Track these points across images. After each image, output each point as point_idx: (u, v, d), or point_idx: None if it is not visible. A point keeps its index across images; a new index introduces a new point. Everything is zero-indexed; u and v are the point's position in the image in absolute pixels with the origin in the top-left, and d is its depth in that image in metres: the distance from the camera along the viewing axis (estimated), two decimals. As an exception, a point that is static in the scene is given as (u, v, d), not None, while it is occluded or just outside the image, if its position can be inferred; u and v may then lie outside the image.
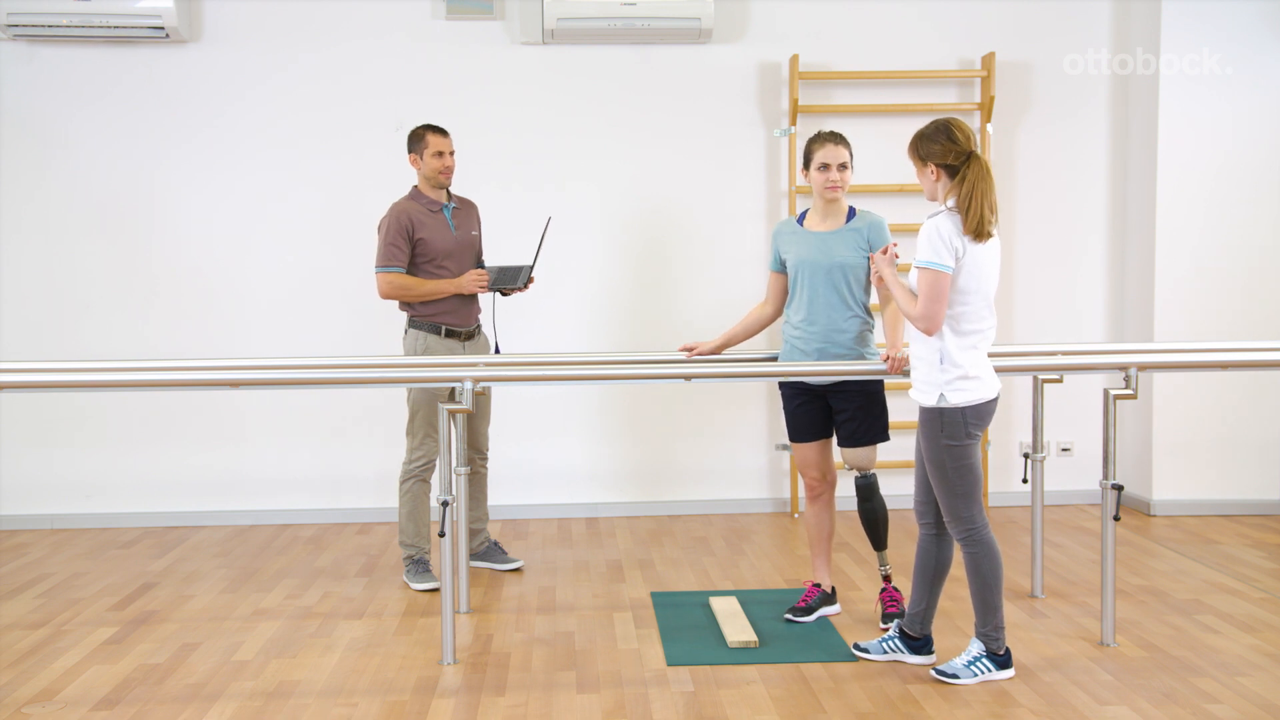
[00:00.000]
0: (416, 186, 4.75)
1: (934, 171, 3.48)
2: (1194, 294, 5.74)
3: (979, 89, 5.90)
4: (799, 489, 5.88)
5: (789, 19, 5.87)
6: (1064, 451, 6.06)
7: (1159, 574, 4.75)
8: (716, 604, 4.31)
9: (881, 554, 4.19)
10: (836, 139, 4.04)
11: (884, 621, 4.09)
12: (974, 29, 5.90)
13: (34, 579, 4.89)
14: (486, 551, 4.96)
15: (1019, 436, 5.98)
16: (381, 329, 5.28)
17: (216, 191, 5.80)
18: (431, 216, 4.67)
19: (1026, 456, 4.47)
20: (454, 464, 3.99)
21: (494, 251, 5.10)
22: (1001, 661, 3.57)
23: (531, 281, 4.79)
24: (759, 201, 5.92)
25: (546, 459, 5.96)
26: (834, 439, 4.15)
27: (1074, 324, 6.04)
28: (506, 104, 5.82)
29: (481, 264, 4.87)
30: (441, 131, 4.70)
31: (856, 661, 3.75)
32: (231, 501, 5.87)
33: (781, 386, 4.23)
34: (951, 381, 3.47)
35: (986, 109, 5.80)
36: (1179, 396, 5.77)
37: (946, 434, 3.48)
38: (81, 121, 5.74)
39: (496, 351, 4.85)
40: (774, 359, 4.21)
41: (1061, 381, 4.44)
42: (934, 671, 3.60)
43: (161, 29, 5.53)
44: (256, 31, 5.75)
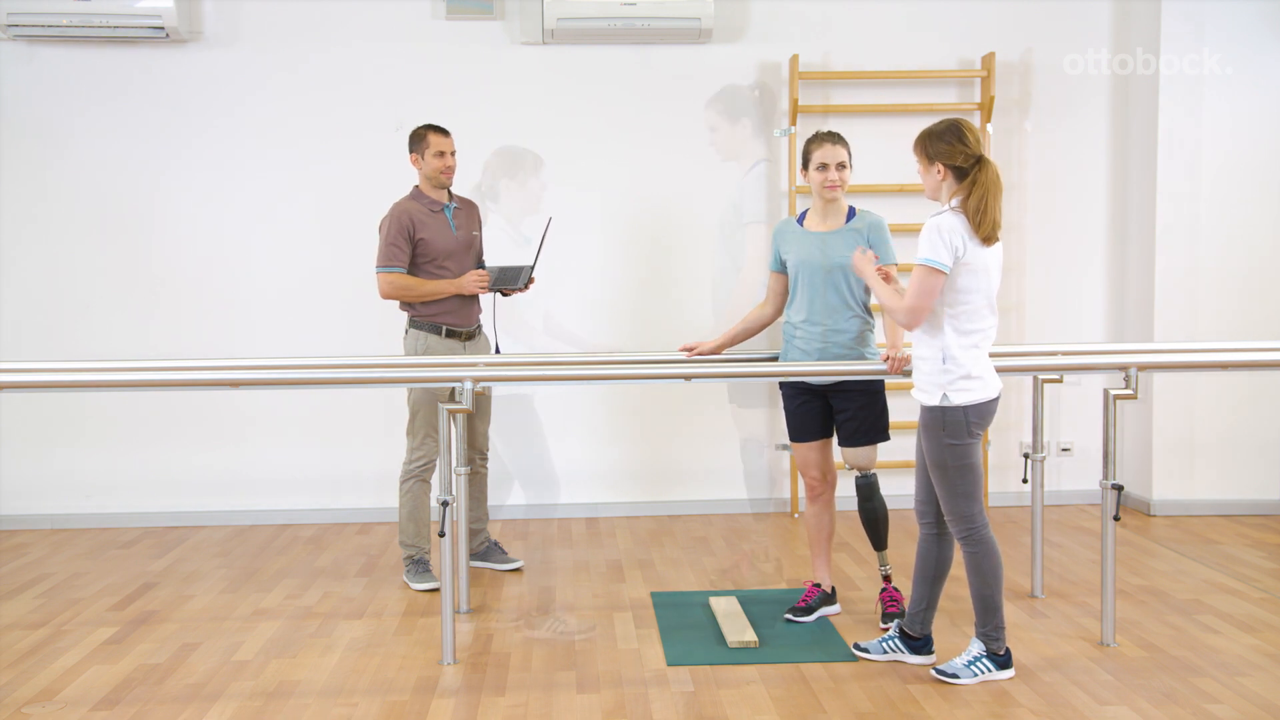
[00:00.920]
0: (417, 186, 4.75)
1: (940, 171, 3.47)
2: (1194, 294, 5.74)
3: (979, 89, 5.89)
4: (799, 489, 5.88)
5: (789, 19, 5.87)
6: (1064, 451, 6.06)
7: (1159, 574, 4.75)
8: (716, 604, 4.31)
9: (882, 554, 4.19)
10: (834, 139, 4.04)
11: (884, 621, 4.10)
12: (974, 29, 5.90)
13: (34, 579, 4.89)
14: (486, 551, 4.96)
15: (1019, 436, 5.98)
16: (382, 329, 5.28)
17: (216, 191, 5.80)
18: (432, 216, 4.67)
19: (1026, 456, 4.47)
20: (454, 464, 3.99)
21: (494, 252, 5.10)
22: (1002, 661, 3.57)
23: (532, 282, 4.79)
24: (759, 201, 5.93)
25: (546, 459, 5.96)
26: (834, 439, 4.15)
27: (1074, 324, 6.04)
28: (506, 104, 5.82)
29: (482, 264, 4.87)
30: (443, 131, 4.70)
31: (856, 661, 3.75)
32: (232, 501, 5.87)
33: (782, 386, 4.23)
34: (954, 381, 3.47)
35: (986, 109, 5.80)
36: (1179, 396, 5.76)
37: (948, 433, 3.48)
38: (81, 122, 5.74)
39: (497, 351, 4.85)
40: (774, 359, 4.22)
41: (1061, 381, 4.44)
42: (934, 671, 3.60)
43: (161, 29, 5.52)
44: (256, 31, 5.75)
